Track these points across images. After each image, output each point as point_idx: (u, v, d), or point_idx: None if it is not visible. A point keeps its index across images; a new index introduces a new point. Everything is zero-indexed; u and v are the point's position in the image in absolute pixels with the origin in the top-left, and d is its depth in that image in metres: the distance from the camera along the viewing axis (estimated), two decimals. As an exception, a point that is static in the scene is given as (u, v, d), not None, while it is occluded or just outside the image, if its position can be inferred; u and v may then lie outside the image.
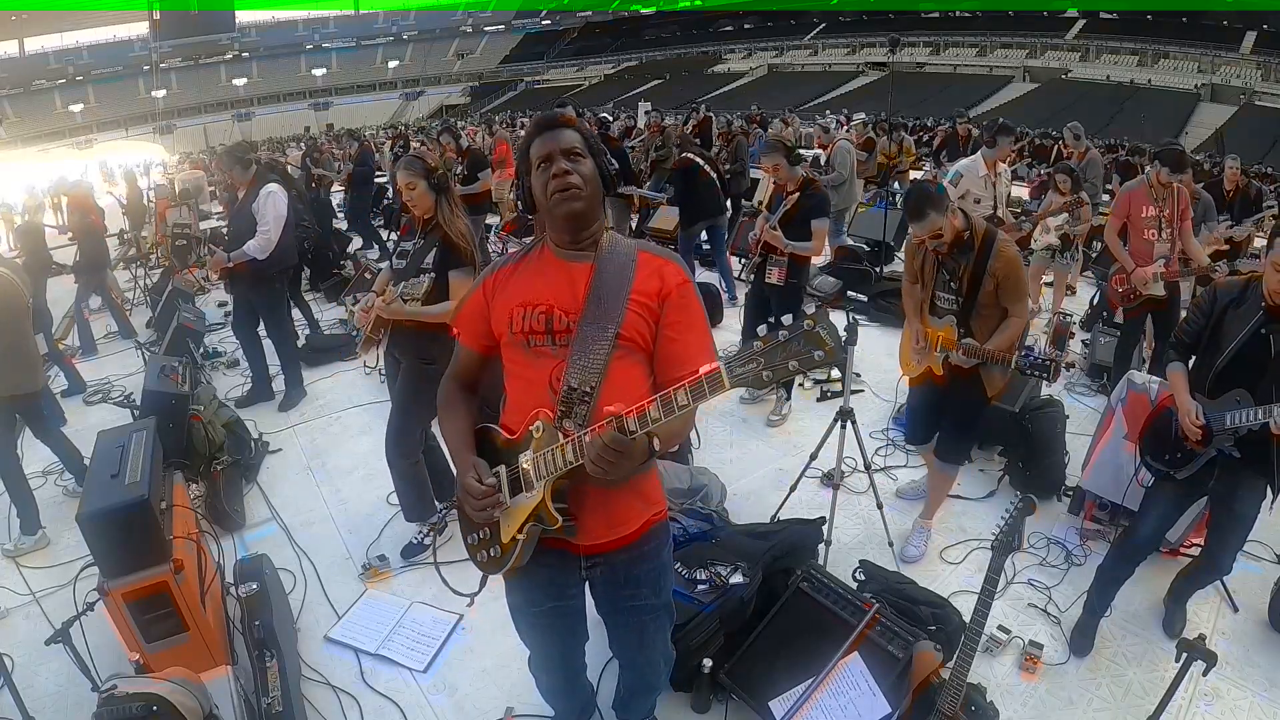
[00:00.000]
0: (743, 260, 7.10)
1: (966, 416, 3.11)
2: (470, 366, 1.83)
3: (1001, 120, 5.58)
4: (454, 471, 1.78)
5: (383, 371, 5.27)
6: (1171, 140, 4.86)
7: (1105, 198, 7.60)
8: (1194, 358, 2.57)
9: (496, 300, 1.70)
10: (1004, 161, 5.29)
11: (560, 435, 1.57)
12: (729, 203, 7.45)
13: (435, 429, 3.22)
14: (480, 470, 1.66)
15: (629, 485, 1.67)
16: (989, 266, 2.76)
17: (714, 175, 6.16)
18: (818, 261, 7.29)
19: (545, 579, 1.80)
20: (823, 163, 9.18)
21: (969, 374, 2.95)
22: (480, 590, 1.86)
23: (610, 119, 14.82)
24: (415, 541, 3.41)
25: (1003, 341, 2.82)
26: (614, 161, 1.69)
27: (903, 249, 3.17)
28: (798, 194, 4.08)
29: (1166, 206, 4.12)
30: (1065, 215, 5.56)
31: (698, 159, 6.15)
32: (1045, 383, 3.90)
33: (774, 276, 4.18)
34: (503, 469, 1.68)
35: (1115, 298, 4.46)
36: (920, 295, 3.06)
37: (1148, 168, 4.34)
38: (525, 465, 1.62)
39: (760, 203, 4.66)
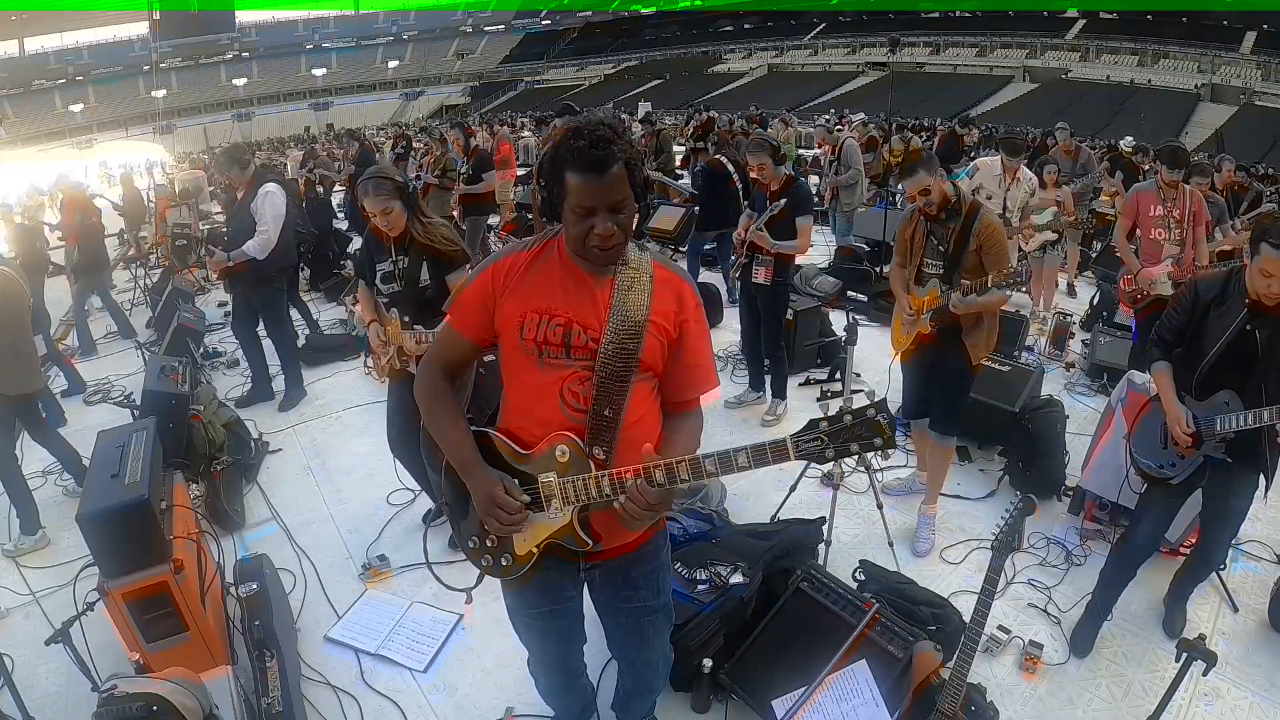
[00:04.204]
0: (714, 259, 7.10)
1: (954, 384, 3.26)
2: (461, 357, 1.73)
3: (1011, 137, 5.66)
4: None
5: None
6: (1172, 139, 4.89)
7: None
8: (1179, 356, 2.53)
9: (506, 297, 1.60)
10: (1012, 174, 5.29)
11: (591, 464, 1.56)
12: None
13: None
14: (511, 488, 1.60)
15: None
16: (974, 229, 2.99)
17: (739, 186, 6.16)
18: (819, 261, 7.34)
19: (543, 582, 1.78)
20: (824, 162, 9.20)
21: (954, 341, 3.10)
22: (476, 585, 1.85)
23: (626, 121, 14.79)
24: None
25: (987, 294, 2.96)
26: (645, 169, 1.59)
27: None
28: (783, 197, 4.07)
29: (1176, 207, 4.07)
30: (1052, 210, 5.57)
31: (729, 165, 6.14)
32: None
33: (760, 276, 4.20)
34: (517, 484, 1.63)
35: (1124, 298, 4.44)
36: (909, 270, 3.23)
37: (1149, 167, 4.32)
38: (550, 486, 1.58)
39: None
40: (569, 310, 1.57)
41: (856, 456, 1.39)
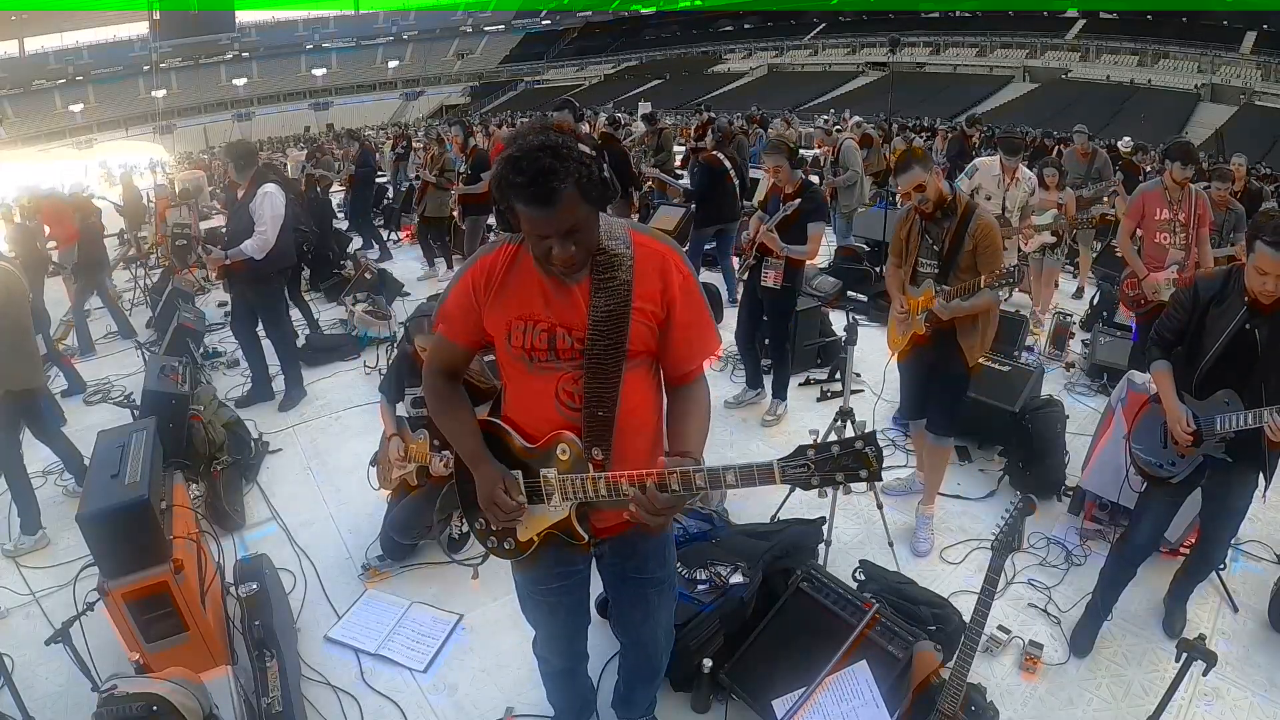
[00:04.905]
0: (714, 259, 7.09)
1: (951, 386, 3.24)
2: (456, 361, 1.77)
3: (1010, 136, 5.64)
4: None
5: (382, 371, 5.28)
6: (1179, 136, 4.84)
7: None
8: (1179, 355, 2.52)
9: (490, 306, 1.63)
10: (1011, 174, 5.27)
11: (590, 465, 1.58)
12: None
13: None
14: (511, 486, 1.64)
15: None
16: (969, 229, 2.97)
17: (736, 182, 6.16)
18: (818, 262, 7.33)
19: (553, 559, 1.81)
20: (823, 164, 9.23)
21: (950, 342, 3.09)
22: (483, 561, 1.88)
23: (622, 120, 14.79)
24: (456, 536, 3.40)
25: (976, 296, 2.97)
26: (607, 172, 1.48)
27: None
28: (798, 199, 4.05)
29: (1182, 210, 3.98)
30: (1053, 212, 5.57)
31: (725, 161, 6.15)
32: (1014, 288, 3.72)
33: (770, 279, 4.16)
34: (520, 477, 1.67)
35: (1126, 301, 4.39)
36: (905, 270, 3.22)
37: (1163, 166, 4.18)
38: (550, 483, 1.62)
39: (759, 203, 4.67)
40: (551, 315, 1.59)
41: (840, 487, 1.39)
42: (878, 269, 6.83)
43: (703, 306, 1.67)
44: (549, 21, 58.83)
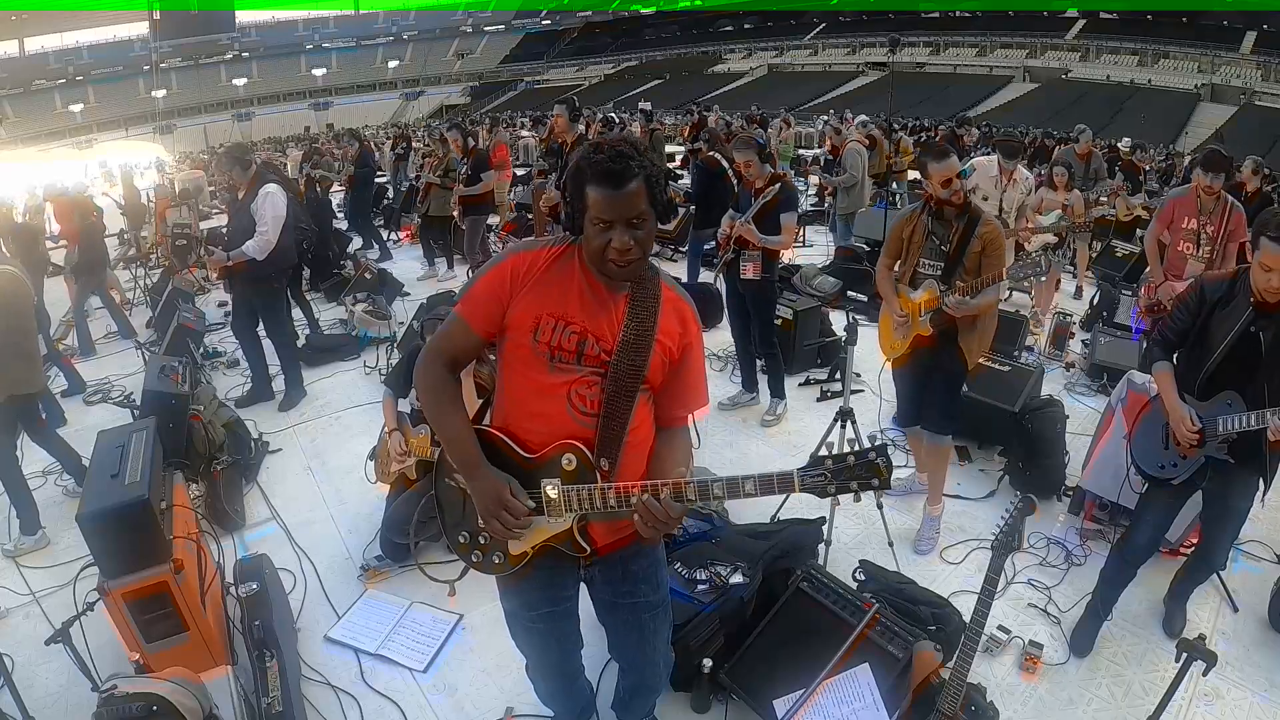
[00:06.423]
0: (714, 260, 7.07)
1: (949, 384, 3.25)
2: (467, 351, 1.71)
3: (1008, 140, 5.65)
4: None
5: (382, 371, 5.28)
6: (1214, 143, 4.75)
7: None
8: (1182, 356, 2.53)
9: (521, 295, 1.60)
10: (1008, 176, 5.26)
11: (598, 475, 1.58)
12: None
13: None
14: (518, 492, 1.61)
15: None
16: (977, 230, 2.98)
17: (735, 183, 6.17)
18: (818, 261, 7.33)
19: (542, 581, 1.79)
20: (822, 163, 9.23)
21: (950, 341, 3.10)
22: (460, 578, 1.87)
23: (616, 120, 14.78)
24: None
25: (985, 292, 3.00)
26: (668, 190, 1.59)
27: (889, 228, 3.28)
28: (775, 188, 4.08)
29: (1210, 221, 3.86)
30: (1057, 213, 5.57)
31: (724, 162, 6.14)
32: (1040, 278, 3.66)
33: (749, 271, 4.19)
34: (518, 486, 1.63)
35: (1143, 305, 4.38)
36: (901, 270, 3.22)
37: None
38: (551, 494, 1.60)
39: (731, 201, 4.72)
40: (585, 320, 1.60)
41: (854, 494, 1.46)
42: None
43: (703, 366, 1.78)
44: (549, 21, 58.84)
